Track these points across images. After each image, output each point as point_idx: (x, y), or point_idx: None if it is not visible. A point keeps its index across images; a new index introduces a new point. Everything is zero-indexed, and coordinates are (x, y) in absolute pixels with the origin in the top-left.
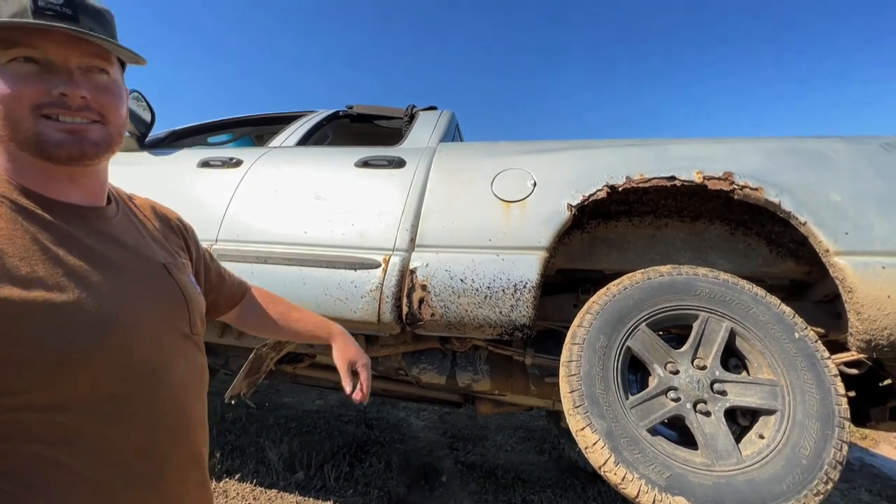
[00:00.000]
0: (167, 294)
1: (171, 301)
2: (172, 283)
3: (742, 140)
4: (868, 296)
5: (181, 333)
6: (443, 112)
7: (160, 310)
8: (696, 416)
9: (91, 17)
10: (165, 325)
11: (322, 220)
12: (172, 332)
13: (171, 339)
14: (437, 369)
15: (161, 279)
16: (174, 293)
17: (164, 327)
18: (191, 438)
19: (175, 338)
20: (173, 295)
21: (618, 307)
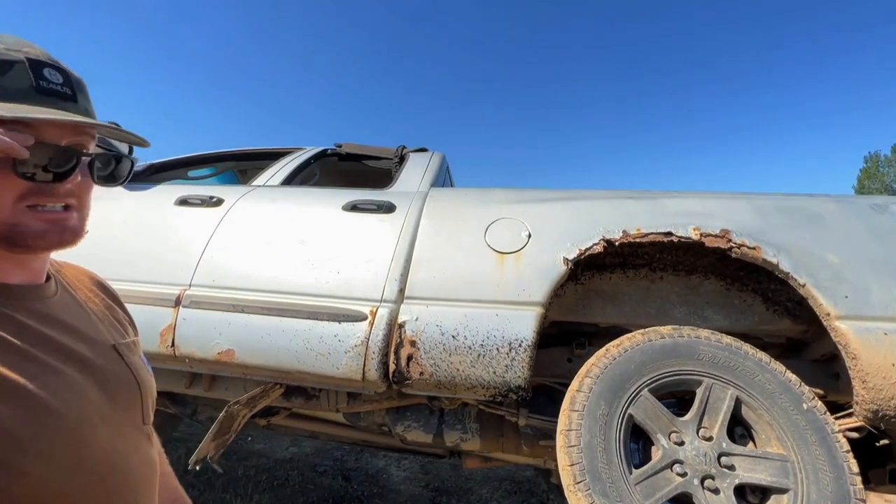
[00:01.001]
0: (119, 381)
1: (123, 390)
2: (124, 367)
3: (734, 196)
4: (873, 363)
5: (134, 426)
6: (434, 154)
7: (112, 401)
8: (704, 494)
9: (82, 93)
10: (118, 418)
11: (306, 267)
12: (126, 426)
13: (124, 433)
14: (424, 427)
15: (111, 364)
16: (127, 379)
17: (116, 421)
18: None
19: (129, 432)
20: (126, 382)
21: (618, 371)
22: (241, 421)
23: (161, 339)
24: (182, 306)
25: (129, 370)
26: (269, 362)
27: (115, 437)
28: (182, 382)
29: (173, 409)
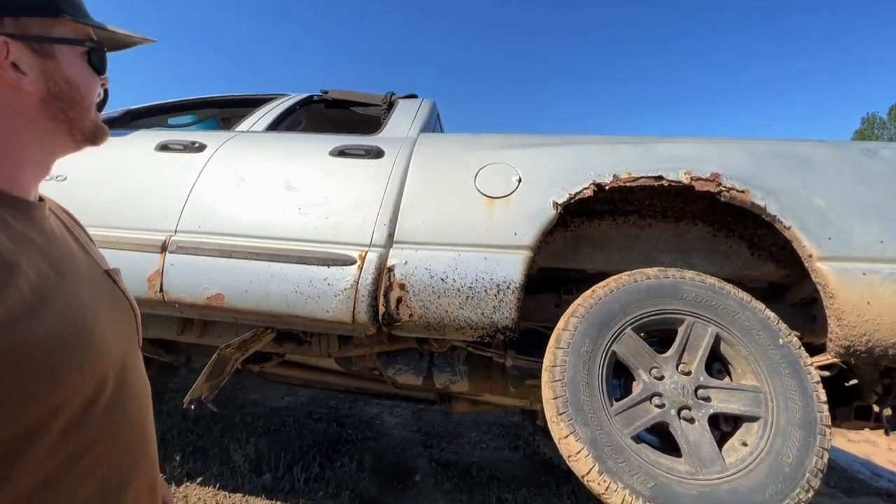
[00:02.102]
0: (118, 304)
1: (123, 312)
2: (119, 293)
3: (729, 141)
4: (849, 302)
5: (132, 346)
6: (423, 101)
7: (117, 322)
8: (680, 423)
9: None
10: (123, 338)
11: (293, 212)
12: (128, 346)
13: (131, 350)
14: (414, 370)
15: (109, 288)
16: (123, 303)
17: (123, 341)
18: (148, 459)
19: (131, 351)
20: (123, 305)
21: (604, 310)
22: (233, 364)
23: (149, 284)
24: (169, 252)
25: (124, 295)
26: (260, 306)
27: (126, 352)
28: (174, 329)
29: (167, 357)
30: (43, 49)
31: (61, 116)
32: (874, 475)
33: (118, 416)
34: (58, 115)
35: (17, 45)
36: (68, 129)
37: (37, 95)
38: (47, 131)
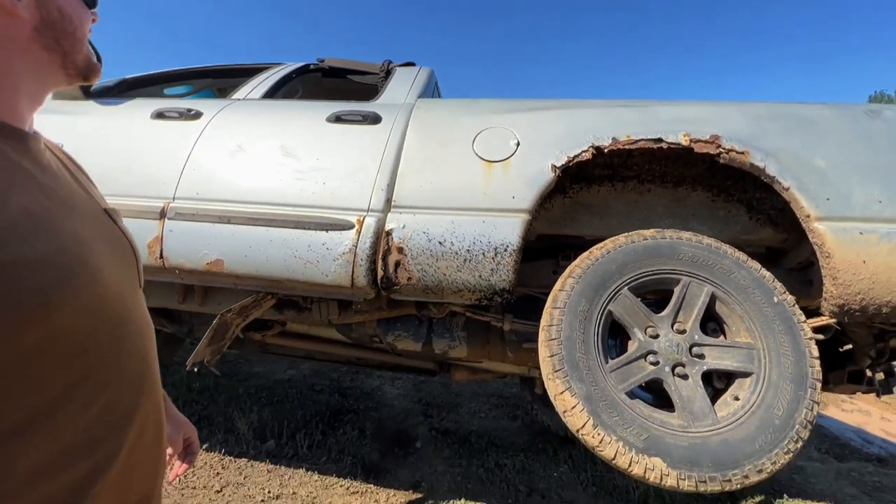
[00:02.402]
0: (117, 242)
1: (122, 250)
2: (118, 231)
3: (730, 104)
4: (844, 261)
5: (133, 285)
6: (421, 68)
7: (115, 259)
8: (673, 380)
9: None
10: (122, 274)
11: (291, 178)
12: (129, 283)
13: (129, 289)
14: (413, 336)
15: (107, 225)
16: (122, 242)
17: (122, 277)
18: (154, 396)
19: (132, 289)
20: (122, 244)
21: (601, 271)
22: (234, 329)
23: (149, 251)
24: (167, 218)
25: (123, 234)
26: (259, 271)
27: (124, 288)
28: (175, 297)
29: (170, 328)
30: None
31: (55, 47)
32: (865, 442)
33: (120, 348)
34: (51, 45)
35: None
36: (62, 61)
37: (30, 23)
38: (40, 61)
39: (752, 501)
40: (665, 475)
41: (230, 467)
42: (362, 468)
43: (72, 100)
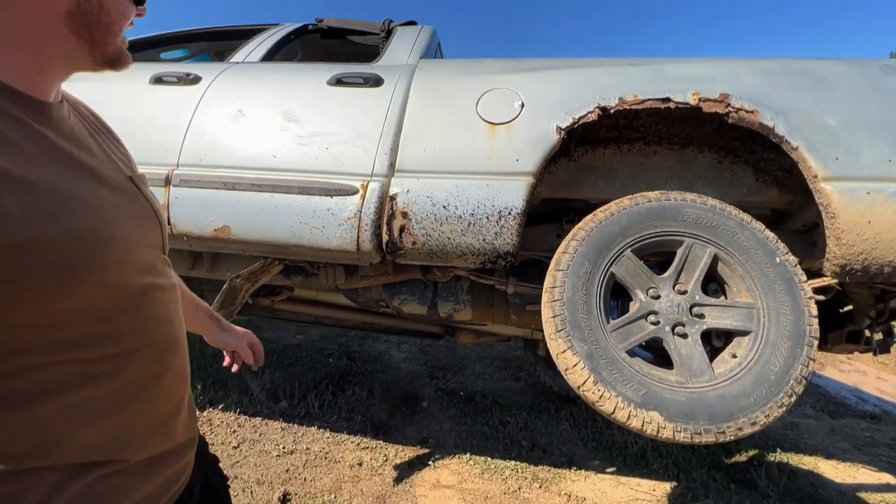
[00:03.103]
0: (142, 211)
1: (145, 218)
2: (142, 198)
3: (741, 61)
4: (850, 221)
5: (158, 252)
6: (423, 28)
7: (139, 227)
8: (673, 339)
9: None
10: (146, 243)
11: (293, 144)
12: (153, 251)
13: (152, 257)
14: (419, 300)
15: (131, 192)
16: (146, 209)
17: (146, 245)
18: (177, 353)
19: (155, 256)
20: (146, 211)
21: (604, 233)
22: (243, 295)
23: None
24: (172, 186)
25: (147, 201)
26: (266, 237)
27: (148, 257)
28: (185, 264)
29: None
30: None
31: (85, 34)
32: (860, 400)
33: (146, 316)
34: (81, 31)
35: None
36: (90, 48)
37: (64, 6)
38: (69, 45)
39: (746, 454)
40: (662, 428)
41: (246, 425)
42: (371, 426)
43: None
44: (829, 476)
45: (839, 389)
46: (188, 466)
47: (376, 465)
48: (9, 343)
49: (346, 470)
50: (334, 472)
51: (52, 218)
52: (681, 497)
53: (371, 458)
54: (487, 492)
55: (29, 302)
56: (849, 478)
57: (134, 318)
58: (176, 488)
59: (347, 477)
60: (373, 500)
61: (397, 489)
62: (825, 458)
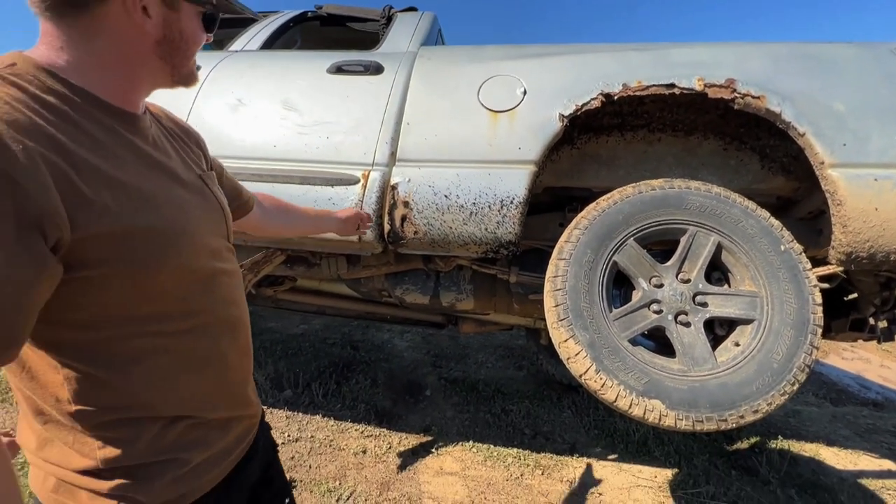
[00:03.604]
0: (209, 205)
1: (212, 211)
2: (210, 194)
3: (748, 44)
4: (856, 208)
5: (223, 242)
6: (424, 14)
7: (207, 220)
8: (675, 327)
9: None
10: (212, 234)
11: (294, 133)
12: (219, 239)
13: (218, 245)
14: (421, 290)
15: (200, 189)
16: (213, 203)
17: (213, 235)
18: (243, 329)
19: (221, 244)
20: (213, 205)
21: (607, 222)
22: (246, 285)
23: None
24: None
25: (214, 197)
26: None
27: (215, 246)
28: None
29: None
30: (172, 2)
31: (168, 59)
32: (863, 388)
33: (215, 297)
34: (165, 56)
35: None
36: (171, 70)
37: (153, 38)
38: (155, 69)
39: (747, 442)
40: (664, 416)
41: None
42: (375, 414)
43: None
44: (830, 463)
45: (842, 377)
46: (254, 428)
47: (380, 453)
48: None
49: (350, 457)
50: (339, 459)
51: (139, 212)
52: (682, 484)
53: (375, 446)
54: (490, 478)
55: (121, 281)
56: (850, 464)
57: (204, 299)
58: (245, 444)
59: (352, 464)
60: (377, 487)
61: (401, 476)
62: (827, 445)
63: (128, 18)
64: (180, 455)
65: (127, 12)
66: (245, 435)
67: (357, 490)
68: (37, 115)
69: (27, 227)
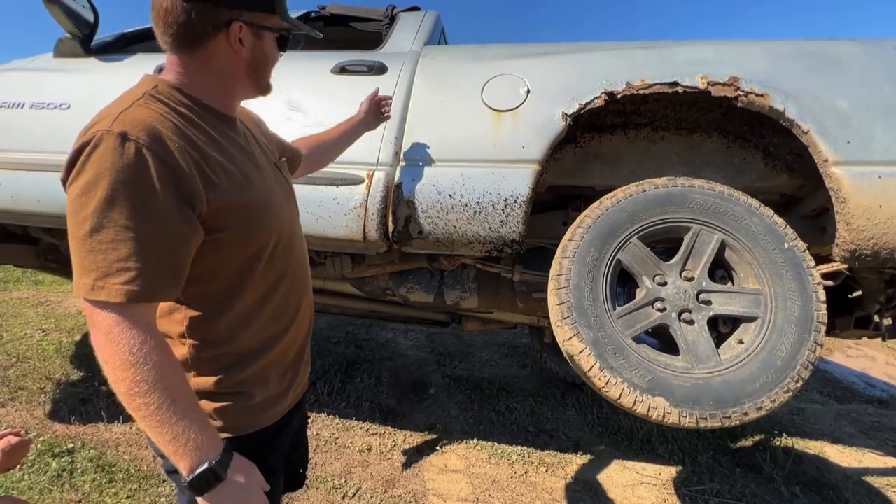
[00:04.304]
0: (285, 189)
1: (288, 194)
2: (283, 180)
3: (751, 42)
4: (860, 206)
5: (295, 215)
6: (427, 13)
7: (283, 196)
8: (679, 325)
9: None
10: (287, 209)
11: (298, 133)
12: (291, 213)
13: (292, 218)
14: (425, 288)
15: (276, 174)
16: (286, 186)
17: (288, 210)
18: (308, 289)
19: (294, 218)
20: (288, 189)
21: (610, 220)
22: None
23: None
24: None
25: (287, 182)
26: None
27: (290, 220)
28: None
29: None
30: (259, 33)
31: (253, 76)
32: (868, 385)
33: (292, 256)
34: (252, 75)
35: (245, 28)
36: (256, 85)
37: (245, 61)
38: (245, 82)
39: (751, 439)
40: (667, 413)
41: None
42: (380, 412)
43: (73, 57)
44: (834, 460)
45: (847, 375)
46: (305, 384)
47: (385, 451)
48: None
49: (355, 455)
50: (344, 457)
51: (243, 191)
52: (686, 481)
53: (380, 444)
54: (495, 476)
55: (231, 242)
56: (854, 462)
57: (286, 257)
58: (296, 395)
59: (357, 462)
60: (382, 485)
61: (406, 473)
62: (831, 443)
63: (228, 48)
64: (248, 390)
65: (229, 44)
66: (297, 387)
67: (362, 487)
68: (178, 122)
69: (183, 201)
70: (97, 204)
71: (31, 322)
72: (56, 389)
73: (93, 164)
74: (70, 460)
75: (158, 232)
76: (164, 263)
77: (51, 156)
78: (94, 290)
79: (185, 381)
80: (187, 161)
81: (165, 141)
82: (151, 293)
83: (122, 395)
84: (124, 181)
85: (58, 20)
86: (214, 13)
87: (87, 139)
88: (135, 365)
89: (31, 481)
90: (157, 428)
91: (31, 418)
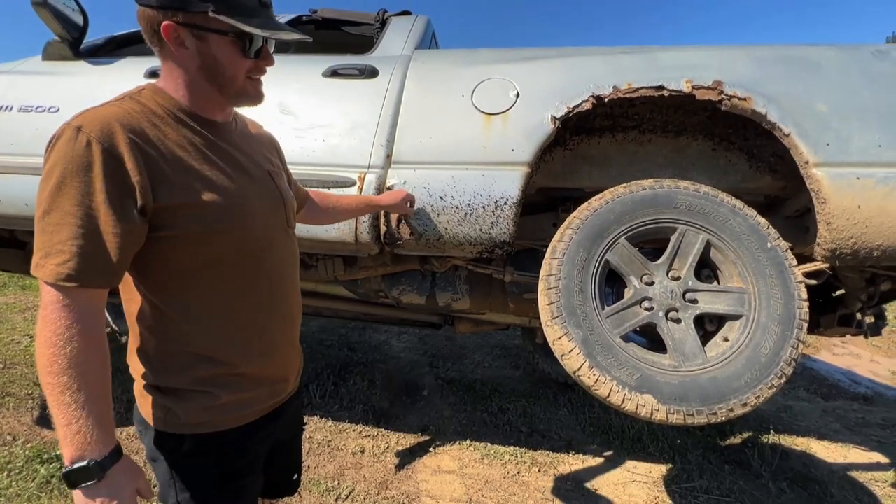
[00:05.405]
0: (271, 195)
1: (273, 200)
2: (273, 187)
3: (734, 48)
4: (840, 206)
5: (280, 225)
6: (417, 17)
7: (266, 206)
8: (666, 324)
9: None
10: (270, 217)
11: (290, 136)
12: (275, 222)
13: (273, 227)
14: (417, 290)
15: (266, 183)
16: (275, 195)
17: (268, 218)
18: (287, 301)
19: (276, 226)
20: (275, 196)
21: (599, 221)
22: None
23: None
24: None
25: (277, 189)
26: None
27: (271, 230)
28: None
29: None
30: (199, 34)
31: (211, 81)
32: (853, 382)
33: (263, 266)
34: (209, 79)
35: (181, 29)
36: (218, 90)
37: (195, 64)
38: (208, 88)
39: (740, 437)
40: (655, 410)
41: None
42: (373, 414)
43: (61, 60)
44: (820, 456)
45: (833, 372)
46: (285, 393)
47: (378, 453)
48: (177, 267)
49: (348, 457)
50: (337, 459)
51: (205, 192)
52: (676, 478)
53: (373, 446)
54: (487, 476)
55: (187, 241)
56: (840, 457)
57: (255, 268)
58: (273, 403)
59: (350, 464)
60: (375, 486)
61: (399, 475)
62: (817, 439)
63: (178, 51)
64: (212, 390)
65: (175, 47)
66: (275, 396)
67: (355, 489)
68: (144, 121)
69: (127, 194)
70: (50, 189)
71: (17, 327)
72: (44, 395)
73: (52, 154)
74: (58, 466)
75: (97, 220)
76: (99, 251)
77: (39, 159)
78: (37, 267)
79: (102, 374)
80: (137, 156)
81: (117, 135)
82: (81, 278)
83: (38, 368)
84: (71, 170)
85: (47, 23)
86: (151, 16)
87: (55, 133)
88: (55, 345)
89: (20, 488)
90: (56, 408)
91: (19, 424)
